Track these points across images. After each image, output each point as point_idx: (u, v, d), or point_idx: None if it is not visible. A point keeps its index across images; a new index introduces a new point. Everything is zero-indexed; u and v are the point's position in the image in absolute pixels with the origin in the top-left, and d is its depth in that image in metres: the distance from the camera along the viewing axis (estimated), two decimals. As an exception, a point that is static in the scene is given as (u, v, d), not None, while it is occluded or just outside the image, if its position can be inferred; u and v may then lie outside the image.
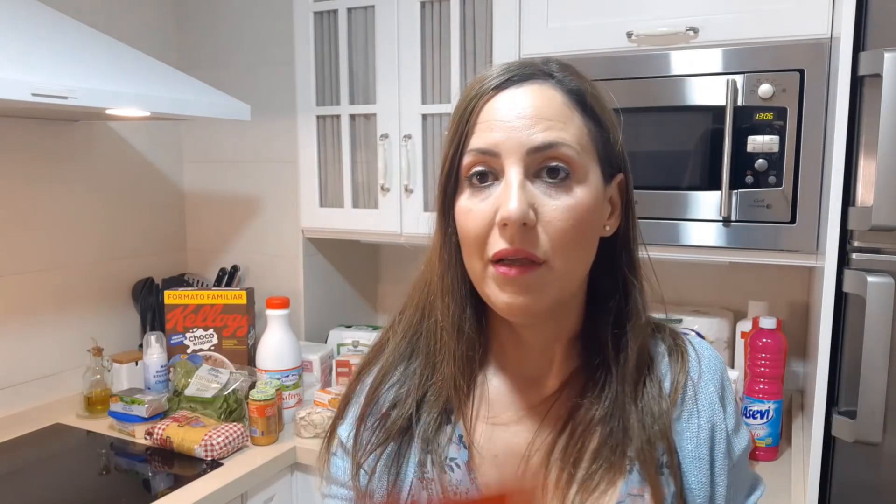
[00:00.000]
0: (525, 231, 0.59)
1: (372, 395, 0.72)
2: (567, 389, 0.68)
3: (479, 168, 0.62)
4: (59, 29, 1.43)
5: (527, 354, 0.69)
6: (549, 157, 0.60)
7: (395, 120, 1.76)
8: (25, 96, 1.15)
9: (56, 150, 1.77)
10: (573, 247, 0.61)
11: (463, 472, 0.66)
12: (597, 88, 0.67)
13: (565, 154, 0.60)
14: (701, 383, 0.68)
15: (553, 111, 0.62)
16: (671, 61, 1.42)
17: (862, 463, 1.15)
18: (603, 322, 0.67)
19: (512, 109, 0.61)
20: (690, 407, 0.67)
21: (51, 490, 1.38)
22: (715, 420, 0.67)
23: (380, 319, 2.29)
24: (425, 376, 0.69)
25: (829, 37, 1.30)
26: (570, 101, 0.63)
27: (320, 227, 1.93)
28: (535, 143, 0.60)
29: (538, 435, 0.66)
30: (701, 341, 0.74)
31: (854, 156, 1.13)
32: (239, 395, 1.67)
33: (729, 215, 1.39)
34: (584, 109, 0.64)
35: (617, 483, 0.63)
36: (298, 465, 1.61)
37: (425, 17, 1.71)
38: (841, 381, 1.16)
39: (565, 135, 0.61)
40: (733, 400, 0.71)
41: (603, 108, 0.66)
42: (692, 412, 0.67)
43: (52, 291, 1.77)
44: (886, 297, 1.08)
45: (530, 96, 0.62)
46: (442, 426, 0.68)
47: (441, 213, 0.66)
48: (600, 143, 0.64)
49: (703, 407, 0.67)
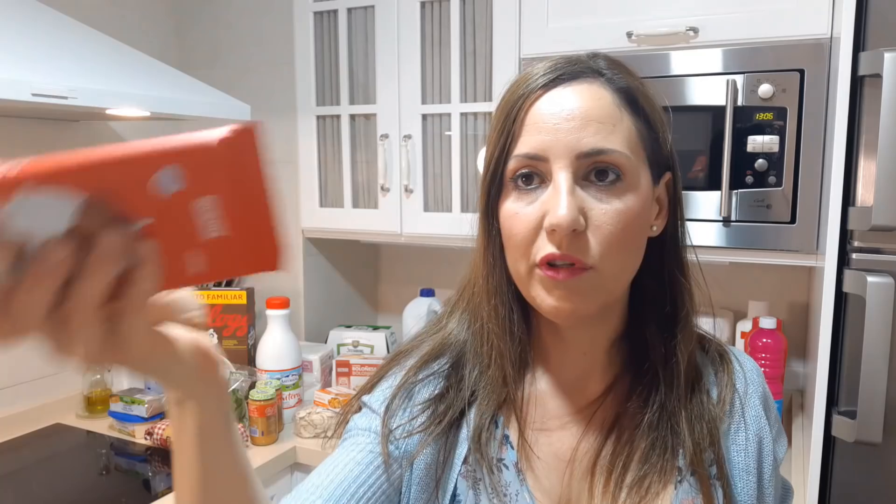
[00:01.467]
0: (574, 236, 0.58)
1: (408, 379, 0.69)
2: (612, 393, 0.67)
3: (525, 170, 0.60)
4: (59, 29, 1.42)
5: (570, 357, 0.68)
6: (599, 162, 0.59)
7: (395, 120, 1.76)
8: (25, 96, 1.15)
9: (56, 150, 1.76)
10: (621, 251, 0.60)
11: (512, 473, 0.65)
12: (646, 86, 0.65)
13: (615, 160, 0.59)
14: (747, 396, 0.68)
15: (603, 112, 0.60)
16: (671, 61, 1.42)
17: (862, 463, 1.15)
18: (650, 325, 0.66)
19: (560, 111, 0.59)
20: (738, 420, 0.67)
21: (51, 490, 1.38)
22: (762, 434, 0.67)
23: (380, 319, 2.29)
24: (473, 377, 0.68)
25: (829, 37, 1.30)
26: (619, 100, 0.61)
27: (320, 227, 1.93)
28: (584, 149, 0.58)
29: (584, 439, 0.66)
30: (742, 353, 0.73)
31: (854, 156, 1.13)
32: (239, 395, 1.67)
33: (729, 215, 1.39)
34: (635, 109, 0.62)
35: (668, 489, 0.63)
36: (298, 465, 1.61)
37: (425, 17, 1.71)
38: (841, 381, 1.16)
39: (615, 138, 0.59)
40: (774, 409, 0.71)
41: (653, 106, 0.64)
42: (740, 425, 0.67)
43: (52, 291, 1.77)
44: (886, 297, 1.08)
45: (579, 97, 0.60)
46: (490, 427, 0.66)
47: (484, 214, 0.65)
48: (649, 143, 0.63)
49: (751, 420, 0.67)
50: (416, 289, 2.04)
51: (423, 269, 2.19)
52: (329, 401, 1.62)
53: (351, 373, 1.82)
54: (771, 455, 0.67)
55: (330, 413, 1.61)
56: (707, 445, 0.64)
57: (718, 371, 0.69)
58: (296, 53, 1.87)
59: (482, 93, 1.67)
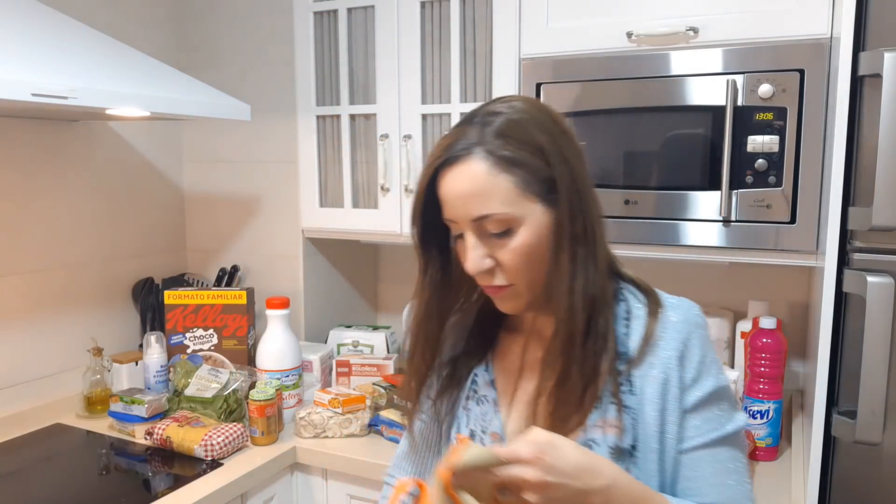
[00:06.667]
0: (488, 272, 0.83)
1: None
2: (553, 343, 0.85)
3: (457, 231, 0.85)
4: (60, 29, 1.43)
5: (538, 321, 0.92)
6: (487, 223, 0.80)
7: (395, 120, 1.76)
8: (25, 96, 1.15)
9: (56, 150, 1.77)
10: (529, 269, 0.82)
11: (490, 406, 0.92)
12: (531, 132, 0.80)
13: (497, 218, 0.80)
14: (661, 342, 0.84)
15: (479, 186, 0.79)
16: (671, 61, 1.42)
17: (862, 463, 1.15)
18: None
19: (451, 190, 0.81)
20: (651, 359, 0.84)
21: (51, 490, 1.38)
22: (669, 374, 0.83)
23: (380, 319, 2.29)
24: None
25: (829, 37, 1.30)
26: (495, 167, 0.79)
27: (320, 227, 1.93)
28: (472, 216, 0.80)
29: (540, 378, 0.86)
30: (677, 307, 0.87)
31: (854, 156, 1.13)
32: (239, 395, 1.67)
33: (729, 215, 1.39)
34: (512, 167, 0.79)
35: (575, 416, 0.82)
36: (298, 465, 1.61)
37: (425, 17, 1.71)
38: (841, 381, 1.16)
39: (492, 203, 0.79)
40: (698, 358, 0.84)
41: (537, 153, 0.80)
42: (652, 363, 0.83)
43: (52, 291, 1.77)
44: (886, 297, 1.08)
45: (459, 179, 0.80)
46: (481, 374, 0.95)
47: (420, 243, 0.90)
48: (535, 184, 0.80)
49: (659, 361, 0.83)
50: (416, 289, 2.03)
51: (423, 269, 2.19)
52: (329, 401, 1.62)
53: (351, 373, 1.82)
54: (675, 391, 0.82)
55: (330, 413, 1.61)
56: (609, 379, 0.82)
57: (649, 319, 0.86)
58: (296, 53, 1.87)
59: (482, 93, 1.67)
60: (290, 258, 2.00)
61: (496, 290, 0.85)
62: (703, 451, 0.83)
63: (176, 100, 1.47)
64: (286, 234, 2.00)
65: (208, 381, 1.68)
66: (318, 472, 1.60)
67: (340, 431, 1.62)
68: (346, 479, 1.56)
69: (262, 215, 2.04)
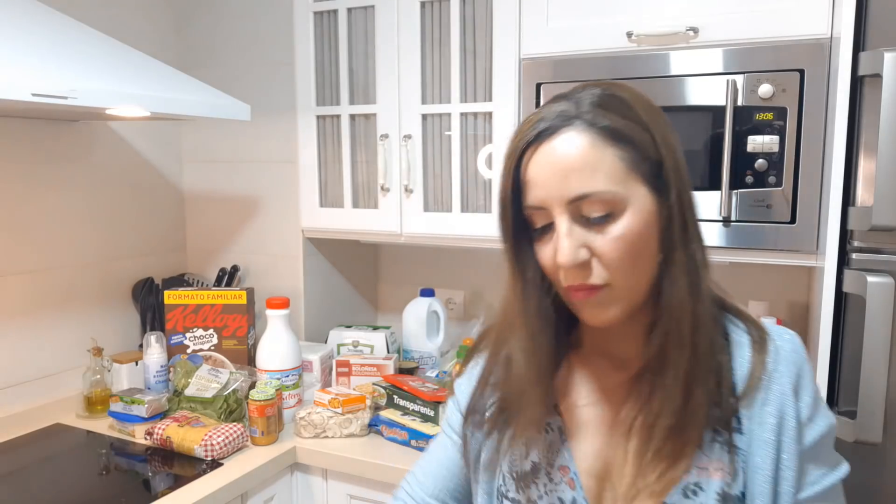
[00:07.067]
0: (581, 267, 0.69)
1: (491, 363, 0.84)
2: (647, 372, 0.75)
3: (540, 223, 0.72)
4: (60, 29, 1.42)
5: (613, 340, 0.79)
6: (587, 204, 0.68)
7: (395, 120, 1.76)
8: (25, 96, 1.15)
9: (56, 150, 1.77)
10: (630, 266, 0.69)
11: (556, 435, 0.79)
12: (634, 108, 0.70)
13: (601, 197, 0.67)
14: (775, 374, 0.73)
15: (581, 160, 0.68)
16: (671, 61, 1.42)
17: (862, 463, 1.15)
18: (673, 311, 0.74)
19: (546, 166, 0.69)
20: (764, 395, 0.73)
21: (51, 490, 1.38)
22: (785, 410, 0.72)
23: (380, 319, 2.29)
24: None
25: (829, 37, 1.30)
26: (599, 139, 0.68)
27: (320, 227, 1.93)
28: (570, 196, 0.68)
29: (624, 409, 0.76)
30: (783, 335, 0.77)
31: (854, 156, 1.13)
32: (239, 395, 1.67)
33: (729, 215, 1.39)
34: (617, 141, 0.68)
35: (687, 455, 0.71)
36: (298, 465, 1.61)
37: (425, 17, 1.71)
38: (841, 381, 1.16)
39: (596, 180, 0.67)
40: (812, 392, 0.75)
41: (642, 128, 0.70)
42: (765, 400, 0.73)
43: (52, 291, 1.77)
44: (886, 297, 1.08)
45: (559, 152, 0.68)
46: None
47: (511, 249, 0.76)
48: (641, 165, 0.69)
49: (774, 397, 0.73)
50: (416, 289, 2.04)
51: (423, 269, 2.19)
52: (329, 401, 1.62)
53: (351, 373, 1.82)
54: (793, 430, 0.72)
55: (330, 413, 1.61)
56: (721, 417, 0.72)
57: (755, 351, 0.75)
58: (296, 53, 1.87)
59: (482, 93, 1.67)
60: (290, 258, 2.00)
61: (588, 293, 0.70)
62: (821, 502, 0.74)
63: (176, 100, 1.47)
64: (286, 234, 1.99)
65: (208, 381, 1.68)
66: (318, 472, 1.60)
67: (340, 431, 1.62)
68: (346, 479, 1.56)
69: (262, 215, 2.04)
